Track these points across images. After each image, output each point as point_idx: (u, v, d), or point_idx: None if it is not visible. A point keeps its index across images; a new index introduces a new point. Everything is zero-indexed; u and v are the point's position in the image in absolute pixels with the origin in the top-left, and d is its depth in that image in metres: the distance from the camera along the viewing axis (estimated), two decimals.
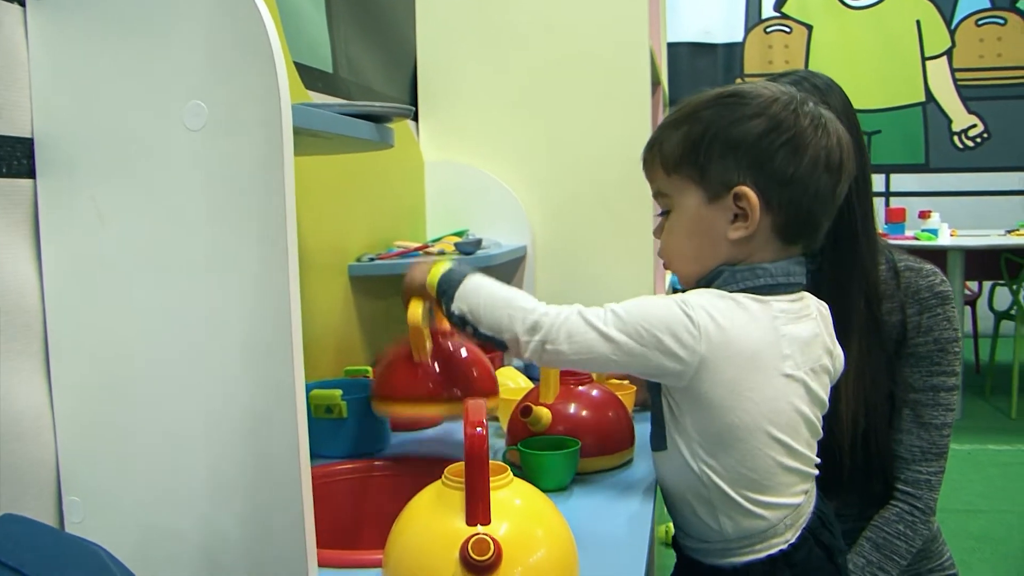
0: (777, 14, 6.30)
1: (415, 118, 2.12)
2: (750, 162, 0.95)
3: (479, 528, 0.74)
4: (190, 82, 0.80)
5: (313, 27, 1.53)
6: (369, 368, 1.48)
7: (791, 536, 0.98)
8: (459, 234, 1.99)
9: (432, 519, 0.76)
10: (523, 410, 1.20)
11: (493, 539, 0.72)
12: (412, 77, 2.11)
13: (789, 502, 0.98)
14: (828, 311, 1.06)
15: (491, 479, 0.76)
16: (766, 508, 0.96)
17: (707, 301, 0.94)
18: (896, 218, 4.53)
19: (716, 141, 0.96)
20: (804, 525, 1.00)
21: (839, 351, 1.08)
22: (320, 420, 1.30)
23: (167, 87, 0.81)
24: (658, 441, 1.01)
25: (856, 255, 1.27)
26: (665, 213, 1.03)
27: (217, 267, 0.82)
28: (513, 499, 0.78)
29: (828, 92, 1.29)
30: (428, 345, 1.14)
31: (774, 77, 1.30)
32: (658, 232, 1.05)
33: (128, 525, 0.85)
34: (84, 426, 0.87)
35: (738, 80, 6.05)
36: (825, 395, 1.02)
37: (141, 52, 0.82)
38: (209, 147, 0.81)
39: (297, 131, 0.93)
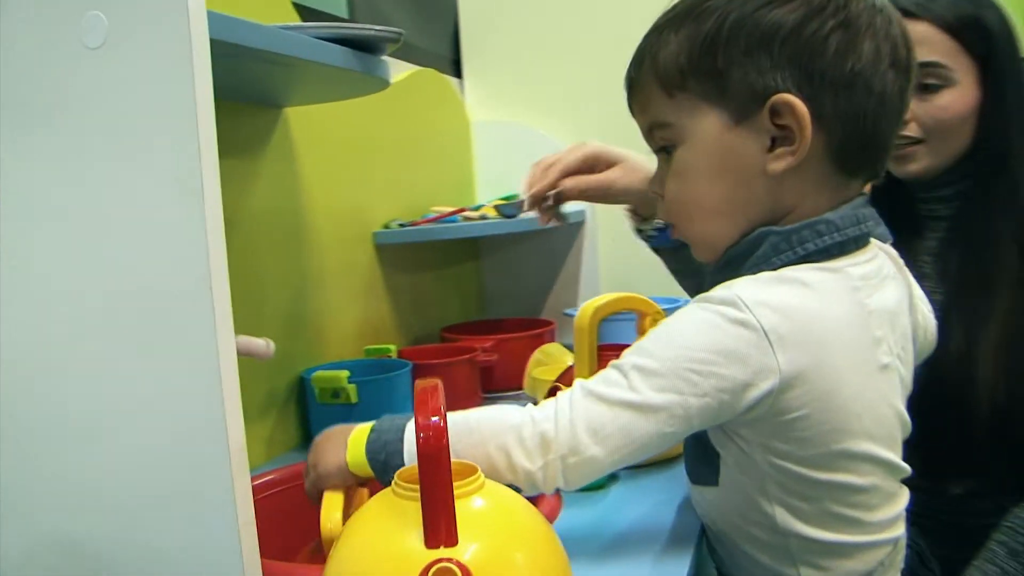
0: None
1: (458, 74, 1.93)
2: (790, 57, 0.68)
3: (442, 551, 0.55)
4: None
5: None
6: (393, 346, 1.32)
7: None
8: (507, 199, 1.80)
9: (381, 539, 0.58)
10: (551, 392, 1.01)
11: (461, 566, 0.54)
12: (454, 31, 1.92)
13: (888, 537, 0.75)
14: (894, 252, 0.82)
15: (456, 484, 0.58)
16: (863, 551, 0.73)
17: (762, 292, 0.68)
18: None
19: (739, 34, 0.69)
20: (903, 565, 0.77)
21: (927, 309, 0.85)
22: (326, 406, 1.14)
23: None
24: (705, 476, 0.77)
25: (1013, 196, 1.04)
26: (665, 152, 0.76)
27: (127, 221, 0.65)
28: (486, 509, 0.59)
29: (986, 5, 1.05)
30: None
31: None
32: (657, 184, 0.78)
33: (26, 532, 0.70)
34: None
35: None
36: (911, 377, 0.79)
37: None
38: (110, 69, 0.65)
39: (245, 54, 0.76)
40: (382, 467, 0.71)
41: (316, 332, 1.26)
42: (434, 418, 0.58)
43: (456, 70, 1.93)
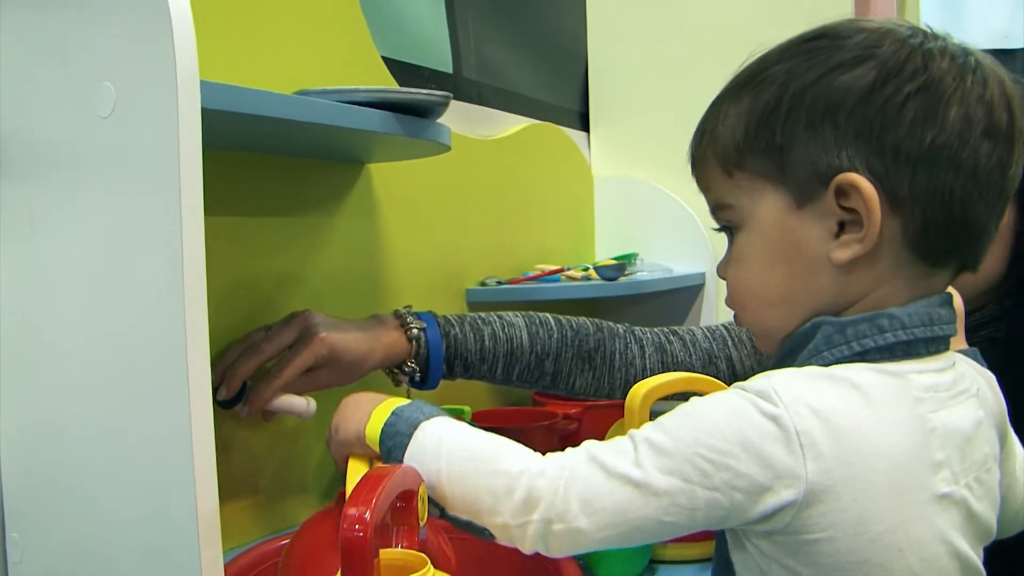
0: None
1: (585, 129, 1.90)
2: (858, 129, 0.61)
3: None
4: (98, 62, 0.67)
5: (424, 21, 1.37)
6: (467, 408, 1.29)
7: None
8: (626, 258, 1.74)
9: None
10: None
11: None
12: (584, 85, 1.90)
13: None
14: (994, 378, 0.71)
15: None
16: None
17: (803, 388, 0.59)
18: None
19: (800, 105, 0.62)
20: None
21: (1020, 448, 0.72)
22: None
23: (77, 69, 0.68)
24: None
25: None
26: (728, 232, 0.70)
27: (118, 279, 0.67)
28: None
29: None
30: None
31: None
32: (722, 269, 0.72)
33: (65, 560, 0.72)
34: (27, 451, 0.75)
35: None
36: (993, 519, 0.66)
37: (54, 32, 0.70)
38: (119, 136, 0.67)
39: (254, 121, 0.77)
40: (387, 455, 0.68)
41: (389, 390, 1.25)
42: (365, 511, 0.54)
43: (584, 123, 1.91)
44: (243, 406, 0.96)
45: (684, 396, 0.71)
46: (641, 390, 0.98)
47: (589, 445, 0.63)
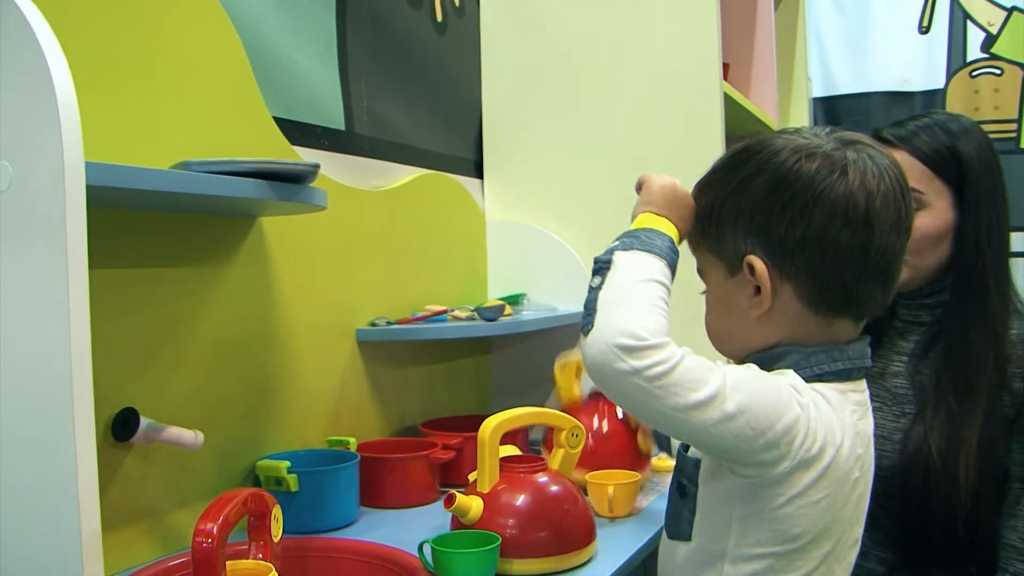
0: (985, 55, 5.69)
1: (480, 176, 2.04)
2: (757, 227, 0.85)
3: None
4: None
5: (317, 82, 1.50)
6: (352, 439, 1.41)
7: None
8: (513, 298, 1.88)
9: None
10: (447, 499, 1.07)
11: None
12: (478, 135, 2.04)
13: None
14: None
15: None
16: None
17: (812, 393, 0.82)
18: None
19: (726, 206, 0.87)
20: None
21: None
22: (272, 492, 1.23)
23: None
24: (679, 527, 0.89)
25: (985, 309, 1.15)
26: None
27: (16, 331, 0.78)
28: None
29: (963, 136, 1.18)
30: None
31: (902, 121, 1.21)
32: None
33: None
34: None
35: None
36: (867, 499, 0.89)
37: None
38: (14, 207, 0.79)
39: (138, 196, 0.88)
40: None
41: (277, 422, 1.36)
42: (212, 526, 0.66)
43: (479, 171, 2.05)
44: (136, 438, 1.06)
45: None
46: (491, 424, 1.12)
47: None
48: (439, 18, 1.88)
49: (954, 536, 1.11)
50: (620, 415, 1.44)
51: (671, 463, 1.51)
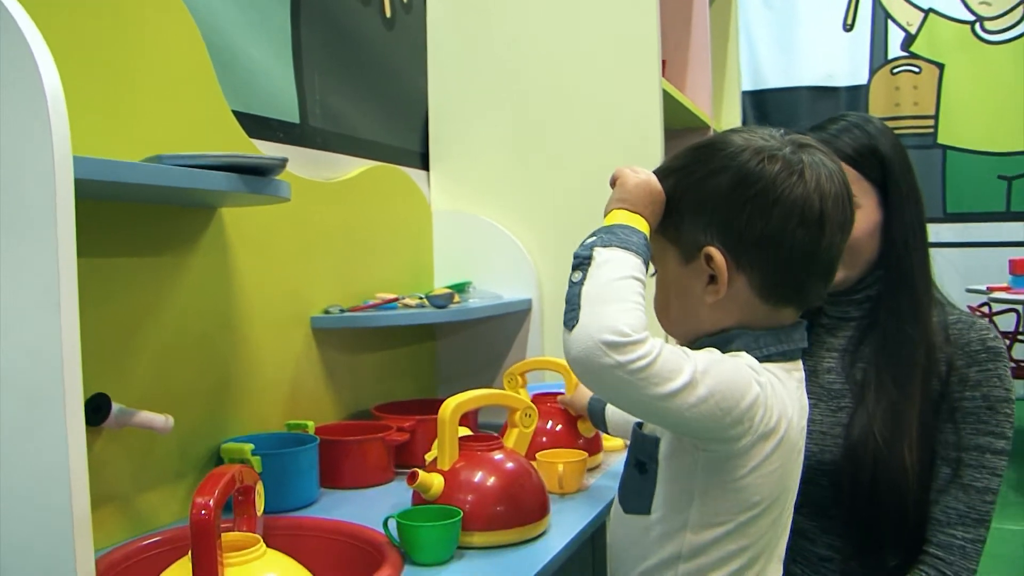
0: (905, 53, 5.96)
1: (426, 167, 2.10)
2: (718, 220, 0.90)
3: None
4: None
5: (273, 77, 1.54)
6: (310, 423, 1.46)
7: None
8: (459, 286, 1.95)
9: None
10: (410, 476, 1.14)
11: None
12: (424, 128, 2.10)
13: None
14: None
15: (236, 554, 0.70)
16: None
17: (767, 372, 0.89)
18: (1021, 270, 4.13)
19: (686, 198, 0.92)
20: None
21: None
22: None
23: None
24: (638, 503, 0.94)
25: (915, 302, 1.21)
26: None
27: (10, 317, 0.82)
28: None
29: (881, 136, 1.24)
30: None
31: (821, 124, 1.27)
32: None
33: None
34: None
35: None
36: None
37: None
38: (2, 203, 0.82)
39: (120, 188, 0.92)
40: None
41: (238, 407, 1.41)
42: (209, 499, 0.72)
43: (425, 163, 2.10)
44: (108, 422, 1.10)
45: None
46: (451, 405, 1.19)
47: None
48: (388, 14, 1.93)
49: (905, 521, 1.17)
50: (562, 407, 1.51)
51: (612, 443, 1.60)
